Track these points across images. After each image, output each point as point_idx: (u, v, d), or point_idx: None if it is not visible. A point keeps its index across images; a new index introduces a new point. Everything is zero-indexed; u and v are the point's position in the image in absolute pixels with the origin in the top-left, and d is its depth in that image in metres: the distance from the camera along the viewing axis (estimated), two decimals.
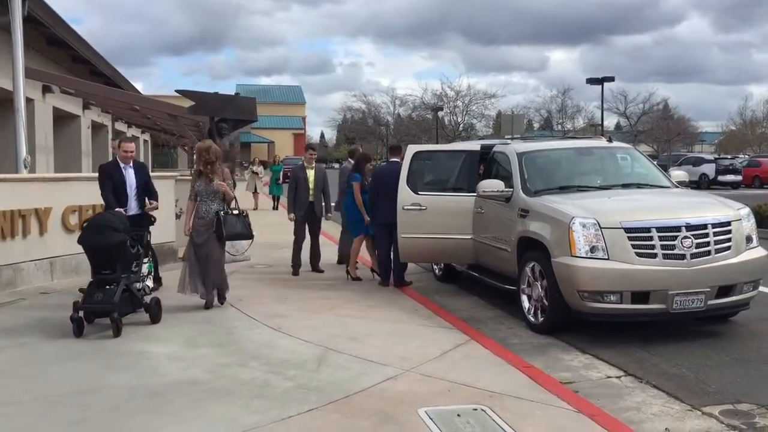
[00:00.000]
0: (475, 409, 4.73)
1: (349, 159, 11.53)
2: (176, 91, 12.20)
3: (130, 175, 7.96)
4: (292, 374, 5.50)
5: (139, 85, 30.58)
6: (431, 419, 4.53)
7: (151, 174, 8.69)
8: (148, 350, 6.19)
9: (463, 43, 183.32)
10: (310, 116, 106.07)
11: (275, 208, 23.60)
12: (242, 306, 7.99)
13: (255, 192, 24.52)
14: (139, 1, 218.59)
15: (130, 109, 19.91)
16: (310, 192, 10.37)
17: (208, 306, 7.79)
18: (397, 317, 7.60)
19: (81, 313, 6.66)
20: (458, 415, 4.62)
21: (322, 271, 10.41)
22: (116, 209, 7.49)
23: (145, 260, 7.61)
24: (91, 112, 22.98)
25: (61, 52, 17.89)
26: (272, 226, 17.92)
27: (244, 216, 7.94)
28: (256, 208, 22.84)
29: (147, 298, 7.24)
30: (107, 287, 6.75)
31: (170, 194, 11.29)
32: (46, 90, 17.34)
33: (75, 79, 17.61)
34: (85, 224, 7.11)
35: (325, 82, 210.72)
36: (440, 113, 58.53)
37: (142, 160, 34.86)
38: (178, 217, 12.11)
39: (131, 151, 8.12)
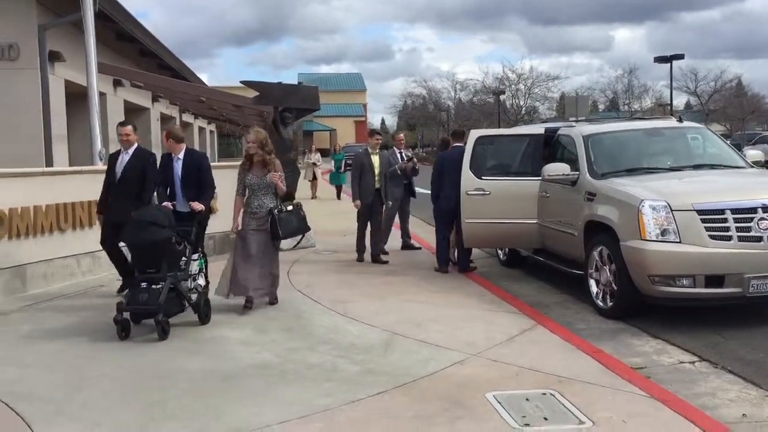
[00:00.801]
0: (544, 394, 4.71)
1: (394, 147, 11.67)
2: (241, 82, 12.42)
3: (177, 168, 7.49)
4: (360, 358, 5.58)
5: (204, 77, 31.25)
6: (500, 403, 4.54)
7: (219, 164, 8.82)
8: (220, 336, 6.37)
9: (523, 24, 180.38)
10: (370, 103, 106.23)
11: (339, 197, 23.31)
12: (309, 292, 8.13)
13: (313, 180, 24.14)
14: None
15: (197, 101, 20.37)
16: (376, 178, 10.36)
17: (248, 306, 7.18)
18: (463, 302, 7.61)
19: (126, 315, 6.30)
20: (527, 399, 4.61)
21: (385, 261, 10.31)
22: (164, 203, 7.15)
23: (195, 257, 7.01)
24: (159, 105, 23.63)
25: (129, 46, 18.41)
26: (336, 214, 18.14)
27: (298, 208, 7.44)
28: (314, 197, 22.95)
29: (196, 297, 6.77)
30: (152, 287, 6.35)
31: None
32: (117, 84, 17.93)
33: (144, 73, 18.11)
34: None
35: (384, 68, 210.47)
36: (502, 97, 57.86)
37: (207, 150, 35.78)
38: None
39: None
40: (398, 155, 11.43)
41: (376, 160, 10.40)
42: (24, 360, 5.72)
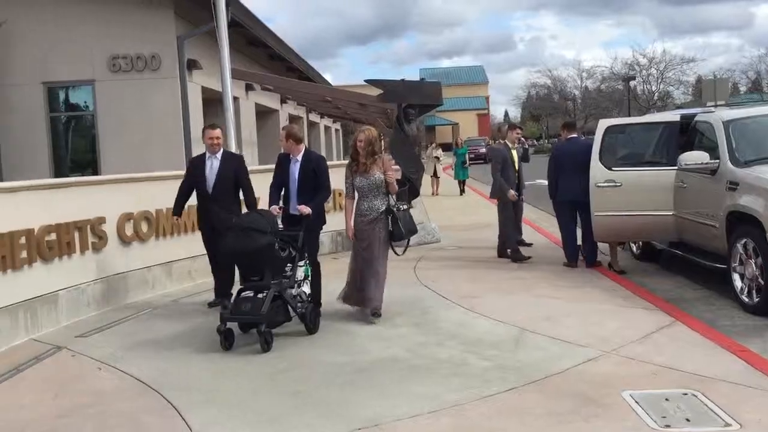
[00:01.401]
0: (685, 394, 4.50)
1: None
2: (365, 81, 12.63)
3: (295, 170, 6.90)
4: (489, 354, 5.56)
5: (328, 77, 32.02)
6: (636, 402, 4.38)
7: (339, 162, 8.87)
8: (351, 330, 6.53)
9: (653, 5, 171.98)
10: (493, 95, 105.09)
11: (462, 192, 23.14)
12: (436, 287, 8.17)
13: (434, 176, 23.70)
14: None
15: (322, 101, 20.91)
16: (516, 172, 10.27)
17: (375, 313, 6.78)
18: (595, 297, 7.39)
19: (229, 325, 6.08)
20: (666, 399, 4.42)
21: (520, 258, 9.90)
22: (272, 207, 6.79)
23: (301, 263, 6.67)
24: (288, 106, 24.49)
25: (259, 51, 19.20)
26: (459, 209, 18.12)
27: (409, 209, 7.10)
28: (436, 194, 22.76)
29: (303, 306, 6.49)
30: (256, 296, 6.13)
31: None
32: (248, 88, 18.75)
33: (273, 76, 18.81)
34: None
35: (506, 59, 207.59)
36: (632, 83, 55.41)
37: (333, 148, 36.66)
38: None
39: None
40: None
41: (514, 153, 10.30)
42: (156, 360, 6.12)
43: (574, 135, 9.49)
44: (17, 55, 13.55)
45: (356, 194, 6.89)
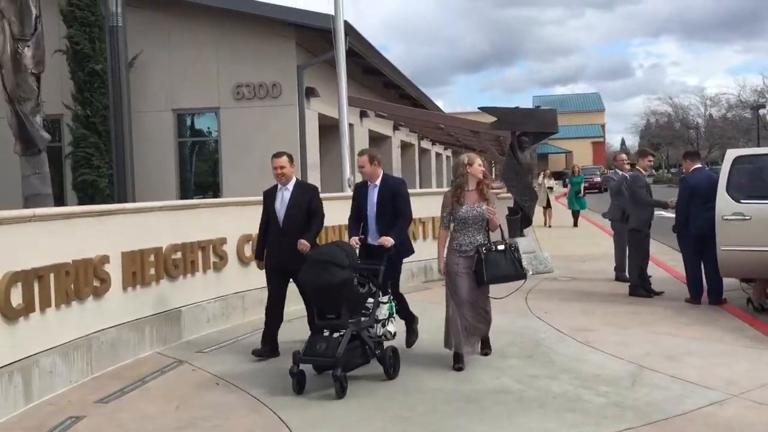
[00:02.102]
0: None
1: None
2: (479, 108, 12.64)
3: (373, 196, 6.46)
4: (604, 390, 5.35)
5: (440, 104, 32.19)
6: None
7: (426, 190, 8.21)
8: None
9: None
10: (609, 123, 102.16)
11: (575, 224, 21.34)
12: (548, 318, 7.97)
13: (547, 207, 21.86)
14: (436, 24, 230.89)
15: (435, 128, 21.09)
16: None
17: (458, 366, 6.03)
18: (719, 337, 6.98)
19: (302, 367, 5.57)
20: None
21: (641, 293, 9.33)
22: (352, 238, 6.41)
23: (384, 299, 6.07)
24: (400, 133, 24.82)
25: (374, 79, 19.62)
26: (571, 239, 17.65)
27: (512, 251, 6.09)
28: (547, 225, 21.27)
29: (382, 348, 5.87)
30: (332, 335, 5.61)
31: None
32: (363, 115, 19.18)
33: (387, 104, 19.19)
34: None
35: (623, 86, 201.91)
36: (762, 111, 52.40)
37: (444, 175, 36.72)
38: None
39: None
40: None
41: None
42: (272, 378, 6.27)
43: (699, 165, 9.06)
44: (151, 85, 14.50)
45: (452, 226, 6.18)
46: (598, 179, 45.69)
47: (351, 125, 16.10)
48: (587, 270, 11.74)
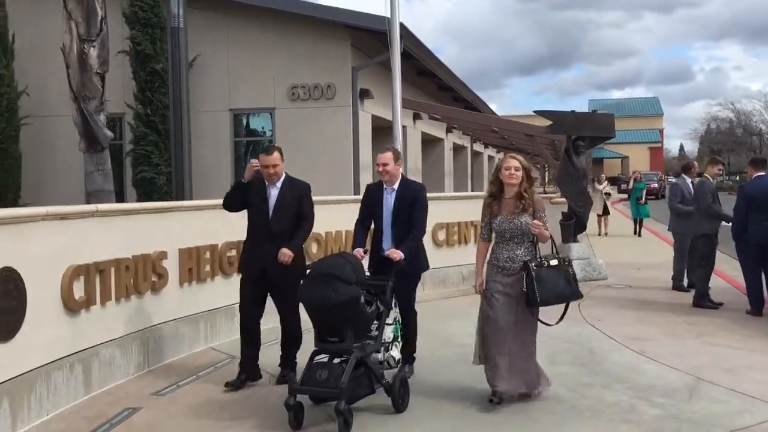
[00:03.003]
0: None
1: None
2: (534, 111, 12.52)
3: (390, 201, 5.74)
4: (660, 402, 5.23)
5: (493, 106, 31.95)
6: None
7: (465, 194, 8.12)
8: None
9: None
10: (667, 128, 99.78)
11: (638, 233, 19.82)
12: (601, 326, 7.83)
13: (603, 214, 20.30)
14: (490, 26, 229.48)
15: (488, 131, 20.96)
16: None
17: (493, 399, 5.13)
18: None
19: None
20: None
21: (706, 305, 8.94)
22: (356, 250, 5.58)
23: (390, 320, 5.34)
24: (452, 135, 24.73)
25: (428, 81, 19.60)
26: (627, 246, 17.29)
27: (566, 265, 5.19)
28: (602, 234, 19.90)
29: (391, 375, 5.14)
30: (334, 361, 4.87)
31: None
32: (416, 117, 19.17)
33: (441, 106, 19.15)
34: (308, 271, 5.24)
35: (682, 91, 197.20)
36: None
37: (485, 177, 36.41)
38: None
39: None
40: (689, 184, 10.38)
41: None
42: None
43: (762, 173, 8.77)
44: (209, 85, 14.78)
45: (495, 238, 5.31)
46: (656, 185, 44.67)
47: (404, 127, 16.12)
48: (643, 278, 11.48)
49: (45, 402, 5.06)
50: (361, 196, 6.24)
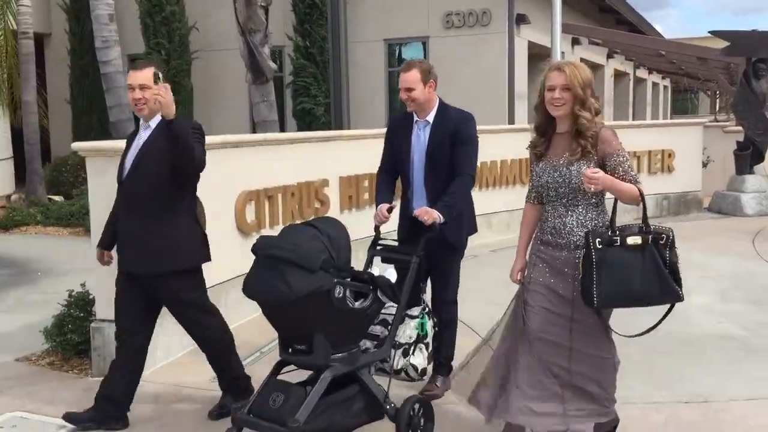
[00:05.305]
0: None
1: None
2: (710, 32, 11.54)
3: (423, 139, 4.09)
4: None
5: (658, 29, 29.79)
6: None
7: (673, 120, 8.05)
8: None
9: None
10: None
11: None
12: None
13: None
14: None
15: (655, 55, 19.64)
16: None
17: None
18: None
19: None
20: None
21: None
22: (380, 206, 4.02)
23: (416, 312, 3.74)
24: (614, 61, 23.38)
25: (588, 3, 18.55)
26: None
27: (659, 245, 3.09)
28: None
29: (400, 398, 3.55)
30: (298, 385, 3.35)
31: (697, 144, 11.23)
32: (574, 42, 18.28)
33: (602, 30, 18.12)
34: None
35: None
36: None
37: (660, 107, 34.23)
38: (705, 165, 11.70)
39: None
40: None
41: None
42: None
43: None
44: (364, 15, 14.84)
45: (538, 198, 3.45)
46: None
47: (562, 53, 15.46)
48: None
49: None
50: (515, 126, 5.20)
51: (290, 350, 3.35)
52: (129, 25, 14.39)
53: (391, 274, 3.68)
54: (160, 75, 3.75)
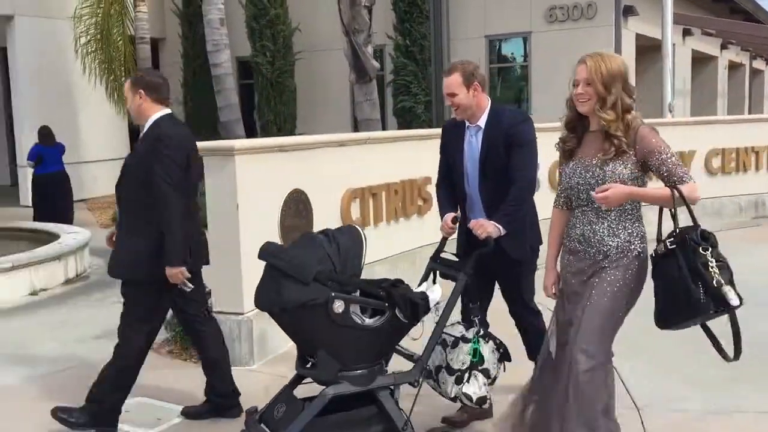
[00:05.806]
0: None
1: None
2: None
3: (475, 145, 3.77)
4: None
5: None
6: None
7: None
8: None
9: None
10: None
11: None
12: None
13: None
14: None
15: None
16: None
17: None
18: None
19: None
20: None
21: None
22: (446, 216, 3.78)
23: (469, 335, 3.45)
24: (728, 52, 22.25)
25: None
26: None
27: (692, 253, 2.72)
28: None
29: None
30: (304, 401, 3.22)
31: None
32: (685, 33, 17.53)
33: (716, 19, 17.30)
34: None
35: None
36: None
37: (766, 98, 32.19)
38: None
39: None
40: None
41: None
42: None
43: None
44: (465, 13, 14.78)
45: (567, 203, 3.19)
46: None
47: (673, 45, 14.88)
48: None
49: None
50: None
51: (305, 364, 3.28)
52: (236, 29, 14.93)
53: (435, 291, 3.37)
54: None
